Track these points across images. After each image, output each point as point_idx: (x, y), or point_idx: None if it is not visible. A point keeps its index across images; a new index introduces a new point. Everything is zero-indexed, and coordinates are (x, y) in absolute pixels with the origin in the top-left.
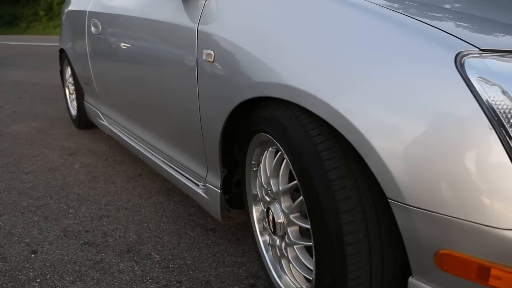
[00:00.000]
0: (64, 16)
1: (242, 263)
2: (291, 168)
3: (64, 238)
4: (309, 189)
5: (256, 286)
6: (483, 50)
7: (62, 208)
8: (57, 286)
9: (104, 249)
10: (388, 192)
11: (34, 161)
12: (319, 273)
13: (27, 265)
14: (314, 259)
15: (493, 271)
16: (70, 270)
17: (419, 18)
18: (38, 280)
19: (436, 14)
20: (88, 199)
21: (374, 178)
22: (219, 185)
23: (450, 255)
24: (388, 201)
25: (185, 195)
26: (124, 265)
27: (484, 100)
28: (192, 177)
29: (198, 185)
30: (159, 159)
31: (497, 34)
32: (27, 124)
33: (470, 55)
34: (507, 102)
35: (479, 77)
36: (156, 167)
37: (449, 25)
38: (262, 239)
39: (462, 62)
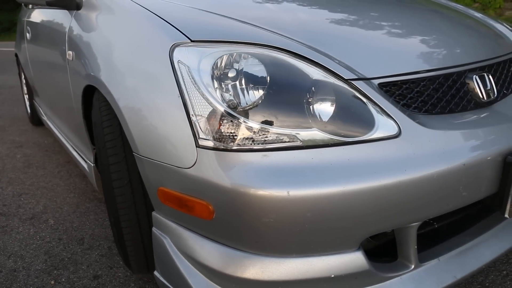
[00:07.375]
0: (18, 25)
1: None
2: None
3: None
4: (98, 151)
5: None
6: (193, 40)
7: None
8: None
9: (13, 217)
10: (132, 148)
11: None
12: (108, 215)
13: None
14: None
15: (183, 201)
16: None
17: (162, 17)
18: None
19: (189, 15)
20: (17, 181)
21: None
22: (92, 160)
23: (163, 190)
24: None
25: None
26: (23, 228)
27: (177, 76)
28: (84, 156)
29: (86, 162)
30: (70, 145)
31: (212, 26)
32: None
33: (181, 45)
34: (189, 78)
35: (178, 60)
36: (68, 152)
37: (181, 21)
38: None
39: (173, 49)
